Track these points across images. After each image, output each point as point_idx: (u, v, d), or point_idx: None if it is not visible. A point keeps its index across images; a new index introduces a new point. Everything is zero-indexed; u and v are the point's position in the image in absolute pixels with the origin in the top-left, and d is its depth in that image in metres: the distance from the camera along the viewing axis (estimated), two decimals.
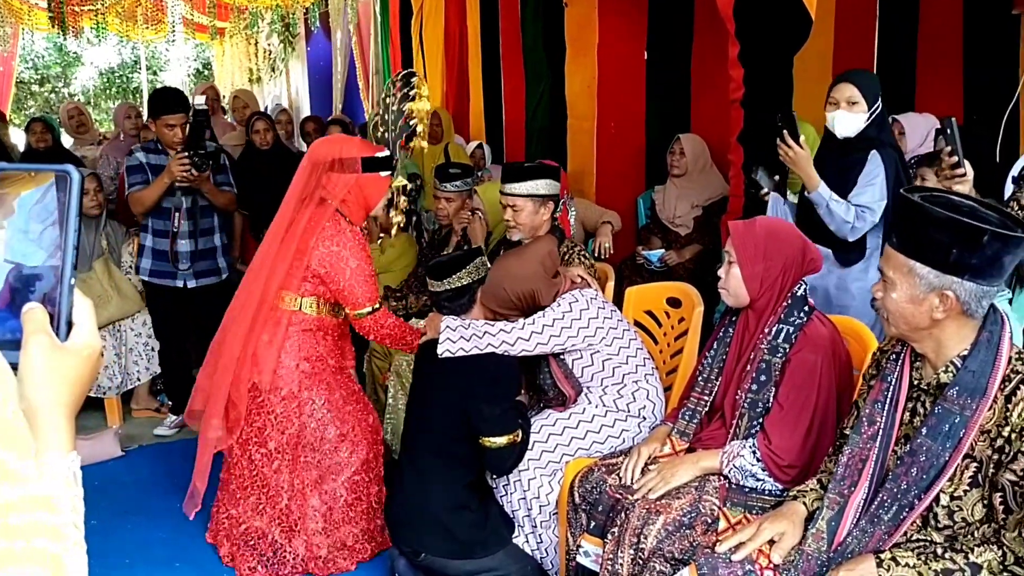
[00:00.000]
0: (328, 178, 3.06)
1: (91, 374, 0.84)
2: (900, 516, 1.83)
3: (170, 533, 3.49)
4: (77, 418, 0.84)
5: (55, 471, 0.78)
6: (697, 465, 2.38)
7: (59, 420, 0.80)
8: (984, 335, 1.81)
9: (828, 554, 1.92)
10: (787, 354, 2.34)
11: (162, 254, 4.32)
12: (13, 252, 0.86)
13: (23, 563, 0.70)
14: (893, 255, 1.82)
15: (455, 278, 2.88)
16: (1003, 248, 1.70)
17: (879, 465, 1.91)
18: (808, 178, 3.08)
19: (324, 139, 3.32)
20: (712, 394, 2.54)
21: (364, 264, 3.03)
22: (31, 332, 0.81)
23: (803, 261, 2.42)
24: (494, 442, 2.69)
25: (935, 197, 1.81)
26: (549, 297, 2.92)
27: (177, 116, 4.16)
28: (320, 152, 3.11)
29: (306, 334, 3.08)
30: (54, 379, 0.80)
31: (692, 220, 4.74)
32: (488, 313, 2.95)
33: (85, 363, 0.84)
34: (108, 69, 24.88)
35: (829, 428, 2.29)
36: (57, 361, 0.81)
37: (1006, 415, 1.73)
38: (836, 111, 3.12)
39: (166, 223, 4.28)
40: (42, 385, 0.80)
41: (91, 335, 0.85)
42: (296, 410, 3.06)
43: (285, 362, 3.05)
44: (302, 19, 11.92)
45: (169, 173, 4.12)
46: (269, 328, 3.04)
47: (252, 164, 5.71)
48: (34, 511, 0.73)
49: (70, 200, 0.85)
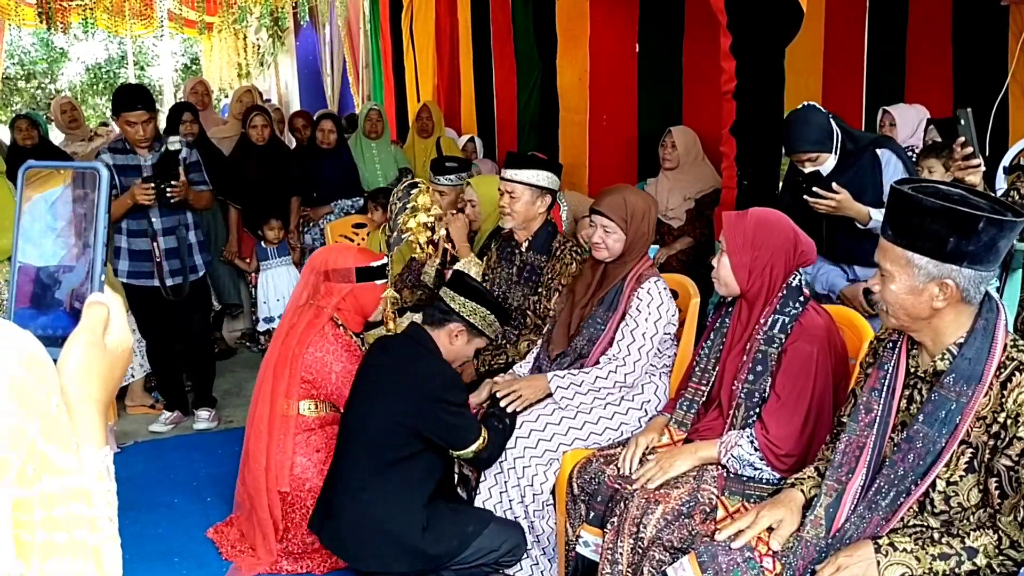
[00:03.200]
0: (325, 286, 3.23)
1: (122, 370, 0.86)
2: (897, 502, 1.85)
3: (167, 528, 3.49)
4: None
5: (90, 465, 0.80)
6: (695, 455, 2.40)
7: (93, 415, 0.81)
8: (980, 322, 1.83)
9: (826, 540, 1.94)
10: (783, 344, 2.36)
11: (139, 254, 4.25)
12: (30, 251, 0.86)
13: (66, 555, 0.71)
14: (889, 248, 1.83)
15: (466, 303, 2.85)
16: (998, 233, 1.73)
17: (876, 452, 1.94)
18: (858, 214, 3.06)
19: (324, 248, 3.50)
20: (709, 384, 2.56)
21: (349, 365, 3.09)
22: (81, 328, 0.82)
23: (795, 252, 2.44)
24: (467, 452, 2.72)
25: (924, 188, 1.82)
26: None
27: (138, 113, 4.04)
28: (317, 260, 3.30)
29: (310, 433, 3.17)
30: (91, 375, 0.81)
31: (684, 213, 4.76)
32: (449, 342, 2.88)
33: (118, 360, 0.85)
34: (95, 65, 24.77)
35: (826, 417, 2.31)
36: (95, 358, 0.82)
37: (1001, 401, 1.75)
38: (807, 167, 3.15)
39: (140, 222, 4.19)
40: (79, 381, 0.81)
41: (123, 332, 0.85)
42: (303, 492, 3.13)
43: (299, 461, 3.14)
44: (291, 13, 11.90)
45: (132, 196, 4.03)
46: (278, 434, 3.15)
47: (247, 158, 5.70)
48: (75, 503, 0.74)
49: (99, 198, 0.85)
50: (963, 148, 2.66)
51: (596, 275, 3.03)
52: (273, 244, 5.62)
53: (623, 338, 2.88)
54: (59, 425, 0.72)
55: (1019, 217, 1.76)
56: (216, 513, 3.56)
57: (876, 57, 4.94)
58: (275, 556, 3.12)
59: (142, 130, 4.06)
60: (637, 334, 2.87)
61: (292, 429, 3.14)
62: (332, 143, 6.00)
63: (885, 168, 3.13)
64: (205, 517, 3.56)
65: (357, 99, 10.34)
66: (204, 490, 3.80)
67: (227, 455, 4.19)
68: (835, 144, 3.13)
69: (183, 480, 3.94)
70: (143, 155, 4.15)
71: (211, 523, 3.49)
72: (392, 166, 6.20)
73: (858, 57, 4.97)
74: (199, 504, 3.69)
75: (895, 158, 3.13)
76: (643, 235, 2.96)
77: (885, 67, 4.95)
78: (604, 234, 2.94)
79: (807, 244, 2.47)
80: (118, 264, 4.30)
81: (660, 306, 2.87)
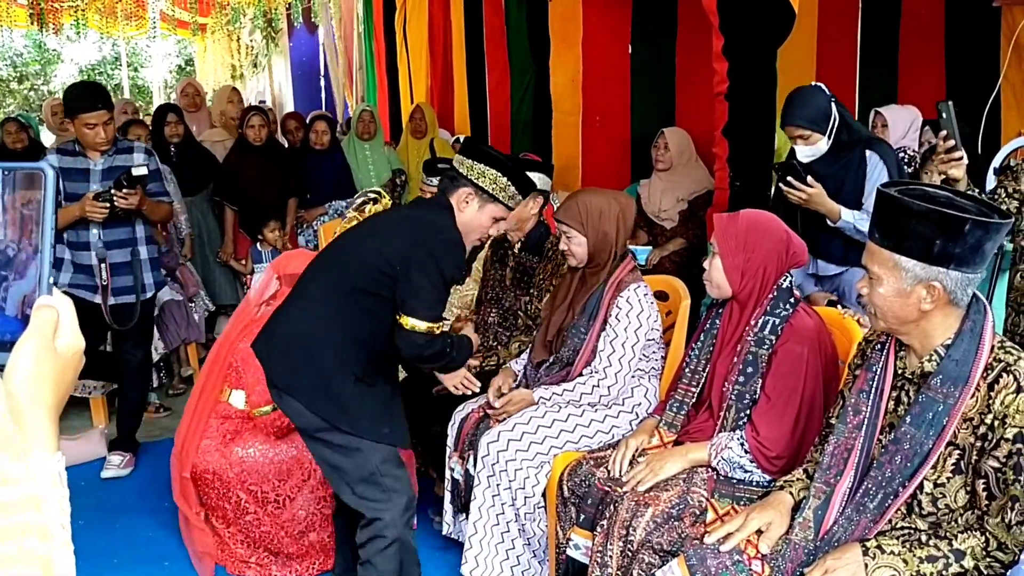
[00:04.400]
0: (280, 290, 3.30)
1: (74, 374, 0.85)
2: (885, 504, 1.85)
3: (158, 531, 3.48)
4: (63, 418, 0.84)
5: (42, 471, 0.78)
6: (686, 457, 2.40)
7: (44, 421, 0.80)
8: (967, 324, 1.83)
9: (815, 542, 1.94)
10: (773, 345, 2.36)
11: (82, 268, 3.83)
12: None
13: (15, 564, 0.70)
14: (877, 251, 1.84)
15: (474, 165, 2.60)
16: (984, 235, 1.73)
17: (864, 454, 1.94)
18: (829, 212, 3.08)
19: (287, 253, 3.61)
20: (699, 386, 2.56)
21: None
22: (30, 333, 0.81)
23: (787, 254, 2.44)
24: (411, 323, 2.44)
25: (911, 190, 1.83)
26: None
27: (99, 114, 3.68)
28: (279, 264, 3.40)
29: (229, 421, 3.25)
30: (42, 380, 0.80)
31: (677, 214, 4.76)
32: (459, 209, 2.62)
33: (69, 364, 0.84)
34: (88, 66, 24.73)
35: (816, 419, 2.31)
36: (46, 363, 0.81)
37: (988, 403, 1.76)
38: (798, 145, 3.16)
39: (80, 234, 3.79)
40: (30, 386, 0.80)
41: (74, 336, 0.84)
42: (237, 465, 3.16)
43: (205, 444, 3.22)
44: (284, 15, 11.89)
45: (81, 209, 3.66)
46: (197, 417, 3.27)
47: (244, 159, 5.71)
48: (24, 512, 0.73)
49: (45, 199, 0.83)
50: (945, 141, 2.66)
51: (573, 282, 3.02)
52: (272, 246, 5.61)
53: (604, 348, 2.85)
54: (7, 434, 0.71)
55: (1005, 219, 1.76)
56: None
57: (868, 58, 4.95)
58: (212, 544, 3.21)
59: (103, 132, 3.71)
60: (617, 344, 2.83)
61: (210, 413, 3.22)
62: (325, 144, 6.00)
63: (870, 171, 3.14)
64: None
65: (351, 100, 10.33)
66: None
67: None
68: (830, 128, 3.12)
69: None
70: (94, 159, 3.79)
71: None
72: (385, 167, 6.20)
73: (851, 58, 4.98)
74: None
75: (882, 163, 3.13)
76: (606, 234, 2.89)
77: (877, 68, 4.97)
78: (567, 240, 2.93)
79: (799, 246, 2.47)
80: (60, 276, 3.85)
81: (640, 314, 2.84)
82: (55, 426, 0.81)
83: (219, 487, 3.14)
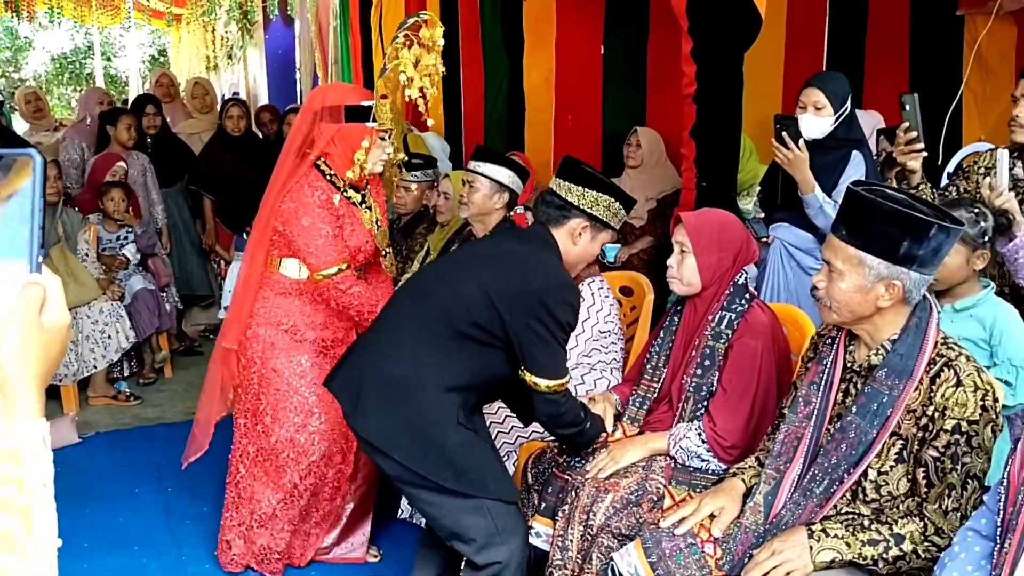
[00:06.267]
0: (317, 128, 2.87)
1: (61, 348, 0.90)
2: (831, 490, 1.94)
3: (128, 518, 3.51)
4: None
5: (25, 433, 0.85)
6: (646, 446, 2.48)
7: (31, 390, 0.87)
8: (913, 320, 1.92)
9: (764, 526, 2.02)
10: (730, 340, 2.44)
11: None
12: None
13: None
14: (841, 246, 1.91)
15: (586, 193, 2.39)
16: (945, 239, 1.83)
17: (813, 442, 2.03)
18: (803, 181, 3.13)
19: (320, 87, 3.21)
20: (660, 381, 2.64)
21: (319, 222, 2.81)
22: (18, 309, 0.86)
23: (746, 252, 2.53)
24: (537, 381, 2.26)
25: (874, 190, 1.91)
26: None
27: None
28: (314, 100, 2.94)
29: (281, 298, 2.92)
30: (28, 353, 0.86)
31: (646, 212, 4.84)
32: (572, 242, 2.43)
33: (55, 338, 0.89)
34: (61, 54, 24.44)
35: (769, 410, 2.40)
36: (32, 337, 0.87)
37: (930, 395, 1.85)
38: (803, 114, 3.21)
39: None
40: (18, 359, 0.86)
41: (61, 311, 0.90)
42: (256, 382, 2.94)
43: (256, 329, 2.94)
44: (261, 7, 11.85)
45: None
46: (246, 289, 2.94)
47: (223, 150, 5.74)
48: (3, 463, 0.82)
49: (35, 183, 0.88)
50: (906, 133, 2.75)
51: None
52: None
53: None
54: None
55: (961, 225, 1.86)
56: (177, 503, 3.60)
57: (834, 64, 5.04)
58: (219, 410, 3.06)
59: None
60: None
61: (257, 284, 2.93)
62: None
63: (849, 168, 3.20)
64: (166, 507, 3.59)
65: None
66: (166, 480, 3.83)
67: None
68: (840, 113, 3.17)
69: (145, 470, 3.96)
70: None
71: (172, 513, 3.53)
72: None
73: (817, 64, 5.07)
74: (160, 494, 3.72)
75: (863, 164, 3.19)
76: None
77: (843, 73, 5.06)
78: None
79: (753, 243, 2.56)
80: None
81: (591, 307, 2.91)
82: (40, 395, 0.88)
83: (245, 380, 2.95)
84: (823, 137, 3.18)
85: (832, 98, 3.16)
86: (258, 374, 2.95)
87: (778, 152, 3.15)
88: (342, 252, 2.86)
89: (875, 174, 3.27)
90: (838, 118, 3.17)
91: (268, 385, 2.93)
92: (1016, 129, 2.73)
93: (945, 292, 2.51)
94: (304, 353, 2.94)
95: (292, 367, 2.93)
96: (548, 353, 2.26)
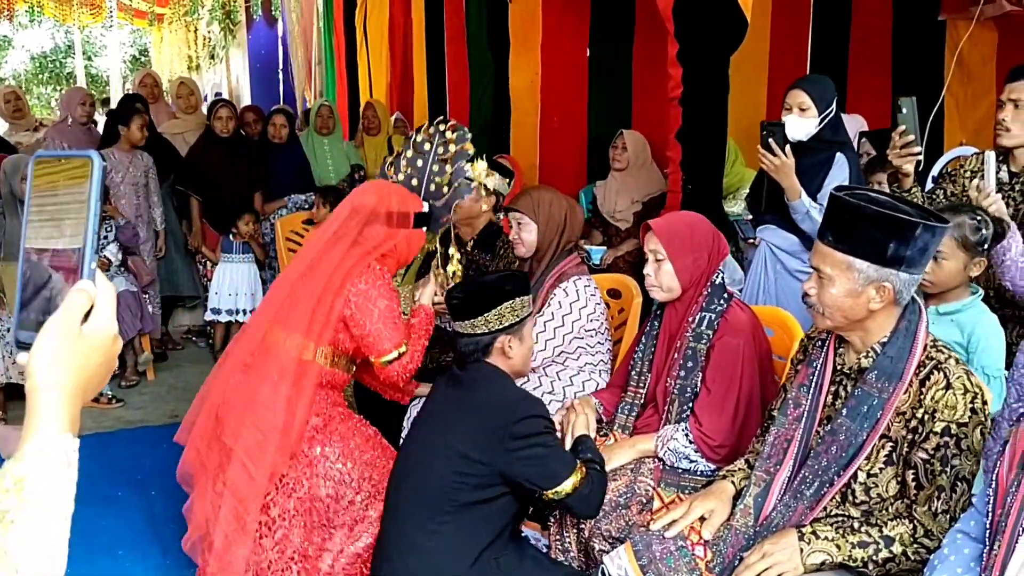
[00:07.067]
0: (372, 228, 2.74)
1: (105, 359, 0.86)
2: (821, 492, 1.95)
3: (111, 521, 3.48)
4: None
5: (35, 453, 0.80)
6: (634, 448, 2.48)
7: (57, 403, 0.81)
8: (903, 323, 1.93)
9: (755, 528, 2.03)
10: (711, 340, 2.45)
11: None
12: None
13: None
14: (829, 252, 1.91)
15: (489, 316, 2.40)
16: (931, 238, 1.84)
17: (803, 444, 2.03)
18: (790, 188, 3.14)
19: (372, 186, 2.90)
20: (646, 386, 2.64)
21: (394, 304, 2.68)
22: (58, 314, 0.83)
23: (717, 249, 2.54)
24: (562, 491, 2.23)
25: (859, 195, 1.92)
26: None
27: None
28: (368, 201, 2.76)
29: (319, 389, 2.66)
30: (60, 362, 0.82)
31: (632, 215, 4.85)
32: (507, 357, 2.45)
33: (97, 348, 0.85)
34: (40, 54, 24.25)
35: (755, 408, 2.41)
36: (67, 345, 0.82)
37: (920, 398, 1.86)
38: (788, 115, 3.22)
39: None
40: (47, 367, 0.81)
41: (108, 321, 0.86)
42: (306, 470, 2.59)
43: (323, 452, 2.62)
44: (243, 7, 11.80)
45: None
46: (286, 380, 2.57)
47: (210, 150, 5.71)
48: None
49: (92, 187, 0.86)
50: (902, 136, 2.76)
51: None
52: (245, 239, 5.61)
53: (536, 328, 2.87)
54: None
55: (946, 224, 1.87)
56: (161, 506, 3.57)
57: (818, 68, 5.08)
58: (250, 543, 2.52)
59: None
60: (548, 325, 2.91)
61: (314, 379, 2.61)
62: (284, 138, 6.01)
63: (834, 170, 3.22)
64: (149, 510, 3.56)
65: (308, 95, 10.30)
66: (149, 483, 3.80)
67: (172, 449, 4.16)
68: (825, 116, 3.18)
69: (127, 473, 3.92)
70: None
71: (155, 516, 3.50)
72: (344, 162, 6.22)
73: (801, 67, 5.11)
74: (143, 497, 3.69)
75: (847, 166, 3.20)
76: (556, 224, 3.00)
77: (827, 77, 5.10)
78: (518, 228, 3.03)
79: (723, 238, 2.58)
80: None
81: (575, 303, 2.92)
82: (70, 409, 0.82)
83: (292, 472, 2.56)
84: (808, 139, 3.20)
85: (817, 100, 3.18)
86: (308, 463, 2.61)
87: (764, 159, 3.16)
88: (405, 333, 2.72)
89: (859, 176, 3.29)
90: (823, 120, 3.18)
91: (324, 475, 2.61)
92: (1001, 133, 2.75)
93: (934, 295, 2.53)
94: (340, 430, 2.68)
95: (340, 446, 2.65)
96: (551, 462, 2.25)
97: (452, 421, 2.34)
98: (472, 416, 2.31)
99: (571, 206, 3.10)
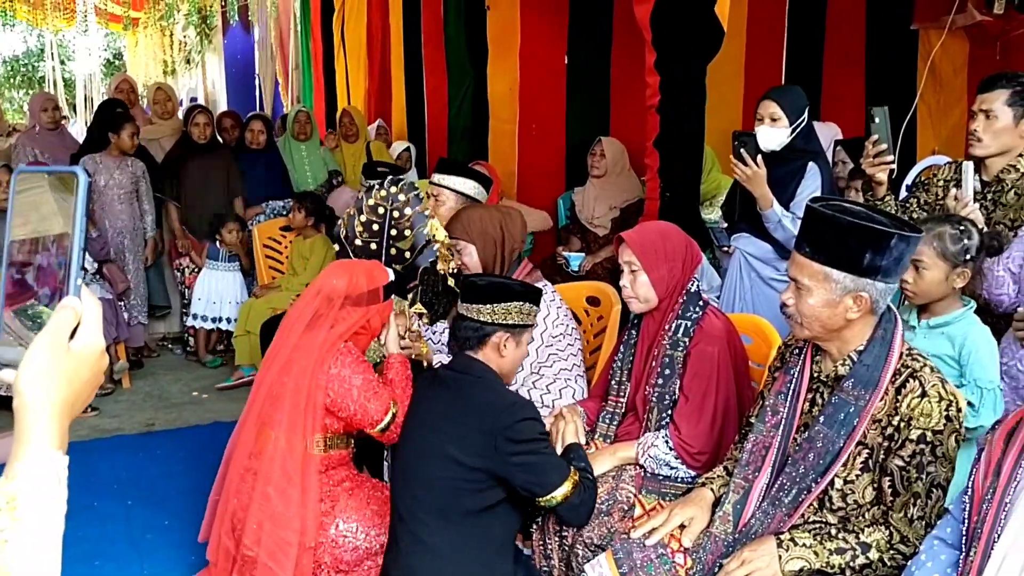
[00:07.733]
0: (345, 310, 2.70)
1: (92, 374, 0.86)
2: (799, 499, 1.97)
3: (90, 531, 3.44)
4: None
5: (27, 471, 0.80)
6: (615, 455, 2.50)
7: (46, 420, 0.82)
8: (879, 332, 1.96)
9: (734, 535, 2.04)
10: (687, 347, 2.47)
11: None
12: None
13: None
14: (806, 263, 1.94)
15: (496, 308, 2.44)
16: (906, 248, 1.87)
17: (781, 452, 2.05)
18: (762, 197, 3.17)
19: (339, 268, 2.80)
20: (626, 395, 2.66)
21: (369, 375, 2.64)
22: (45, 331, 0.83)
23: (693, 255, 2.56)
24: (553, 498, 2.26)
25: (833, 205, 1.95)
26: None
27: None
28: (338, 286, 2.70)
29: (321, 475, 2.65)
30: (49, 378, 0.82)
31: (610, 221, 4.88)
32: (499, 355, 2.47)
33: (84, 364, 0.85)
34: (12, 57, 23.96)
35: (732, 414, 2.43)
36: (55, 361, 0.82)
37: (896, 406, 1.88)
38: (760, 126, 3.25)
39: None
40: (35, 383, 0.82)
41: (95, 336, 0.86)
42: (331, 544, 2.58)
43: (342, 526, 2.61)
44: (220, 11, 11.75)
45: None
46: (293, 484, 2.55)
47: (188, 157, 5.68)
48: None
49: (77, 202, 0.86)
50: (875, 145, 2.79)
51: None
52: (229, 247, 5.57)
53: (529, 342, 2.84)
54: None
55: (918, 232, 1.90)
56: (138, 515, 3.54)
57: (793, 76, 5.14)
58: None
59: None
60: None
61: (316, 470, 2.60)
62: (262, 144, 5.98)
63: (806, 179, 3.25)
64: (127, 519, 3.53)
65: (285, 100, 10.26)
66: (126, 493, 3.76)
67: (149, 458, 4.16)
68: (796, 126, 3.21)
69: (104, 483, 3.88)
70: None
71: (132, 526, 3.47)
72: (322, 168, 6.20)
73: (776, 75, 5.16)
74: (121, 507, 3.65)
75: (819, 176, 3.24)
76: (491, 238, 3.02)
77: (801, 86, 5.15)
78: (459, 255, 3.06)
79: (695, 245, 2.60)
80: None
81: (541, 315, 2.93)
82: (60, 425, 0.82)
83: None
84: (780, 149, 3.23)
85: (788, 110, 3.21)
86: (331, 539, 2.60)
87: (737, 168, 3.20)
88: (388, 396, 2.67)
89: (831, 184, 3.33)
90: (794, 130, 3.22)
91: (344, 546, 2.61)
92: (973, 143, 2.79)
93: (925, 308, 2.53)
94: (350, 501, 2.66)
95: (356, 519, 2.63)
96: (545, 469, 2.28)
97: (443, 426, 2.34)
98: (464, 417, 2.31)
99: (504, 215, 3.08)
